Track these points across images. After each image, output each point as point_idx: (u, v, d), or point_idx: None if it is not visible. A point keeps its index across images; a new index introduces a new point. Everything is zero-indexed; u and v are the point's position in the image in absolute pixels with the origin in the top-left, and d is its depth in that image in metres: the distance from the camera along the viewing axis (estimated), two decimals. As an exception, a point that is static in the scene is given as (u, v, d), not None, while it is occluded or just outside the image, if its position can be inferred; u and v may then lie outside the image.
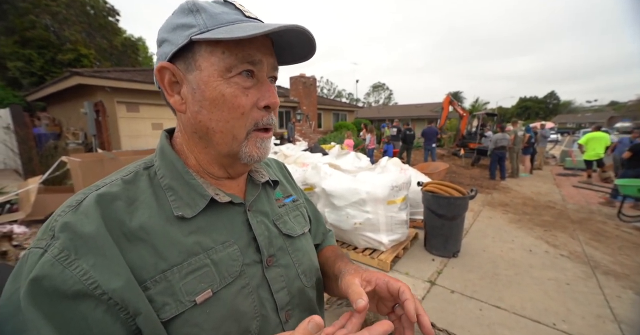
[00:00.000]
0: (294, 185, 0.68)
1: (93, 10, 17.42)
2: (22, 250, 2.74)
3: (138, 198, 0.41)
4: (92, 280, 0.32)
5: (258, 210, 0.51)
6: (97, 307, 0.32)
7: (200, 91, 0.41)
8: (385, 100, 63.66)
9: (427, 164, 6.26)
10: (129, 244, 0.37)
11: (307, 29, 0.41)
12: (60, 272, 0.32)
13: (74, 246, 0.33)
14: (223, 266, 0.42)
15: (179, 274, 0.38)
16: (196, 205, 0.42)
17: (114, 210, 0.38)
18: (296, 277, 0.51)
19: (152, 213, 0.40)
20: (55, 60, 13.70)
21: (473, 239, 3.54)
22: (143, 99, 8.15)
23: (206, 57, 0.40)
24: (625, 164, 4.98)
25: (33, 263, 0.32)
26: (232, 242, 0.44)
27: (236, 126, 0.42)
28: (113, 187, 0.41)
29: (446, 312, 2.16)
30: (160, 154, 0.46)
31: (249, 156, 0.44)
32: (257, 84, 0.43)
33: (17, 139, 5.49)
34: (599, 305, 2.25)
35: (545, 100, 69.80)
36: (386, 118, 23.51)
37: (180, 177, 0.44)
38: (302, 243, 0.56)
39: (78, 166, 3.45)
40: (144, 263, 0.37)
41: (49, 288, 0.31)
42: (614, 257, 3.07)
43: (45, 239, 0.34)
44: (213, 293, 0.40)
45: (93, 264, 0.33)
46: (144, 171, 0.45)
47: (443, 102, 11.01)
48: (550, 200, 5.34)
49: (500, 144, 7.00)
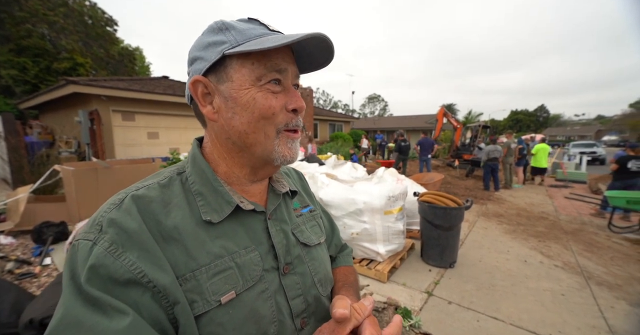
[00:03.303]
0: (311, 195, 0.70)
1: (91, 20, 17.58)
2: (9, 262, 2.65)
3: (172, 201, 0.44)
4: (139, 270, 0.36)
5: (278, 219, 0.53)
6: (145, 293, 0.36)
7: (232, 99, 0.44)
8: (381, 111, 64.68)
9: (422, 174, 6.32)
10: (164, 242, 0.40)
11: (328, 36, 0.44)
12: (112, 263, 0.36)
13: (120, 240, 0.37)
14: (246, 270, 0.44)
15: (207, 274, 0.41)
16: (222, 211, 0.45)
17: (151, 210, 0.41)
18: (312, 286, 0.53)
19: (184, 215, 0.43)
20: (50, 69, 13.67)
21: (469, 249, 3.55)
22: (139, 108, 8.14)
23: (237, 69, 0.44)
24: (613, 176, 5.12)
25: (86, 253, 0.36)
26: (253, 248, 0.47)
27: (267, 125, 0.45)
28: (150, 190, 0.44)
29: (444, 324, 2.14)
30: (192, 161, 0.50)
31: (282, 157, 0.47)
32: (284, 91, 0.47)
33: (8, 147, 5.39)
34: (594, 316, 2.26)
35: (536, 114, 71.77)
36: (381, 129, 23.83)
37: (209, 183, 0.47)
38: (319, 252, 0.58)
39: (71, 175, 3.40)
40: (176, 261, 0.40)
41: (104, 275, 0.35)
42: (607, 268, 3.11)
43: (93, 232, 0.38)
44: (236, 295, 0.42)
45: (138, 256, 0.37)
46: (177, 176, 0.48)
47: (437, 114, 11.24)
48: (543, 211, 5.41)
49: (492, 156, 7.13)
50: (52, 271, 2.63)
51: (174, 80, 11.63)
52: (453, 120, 11.23)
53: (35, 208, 3.57)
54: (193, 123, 9.55)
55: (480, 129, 11.41)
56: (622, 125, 53.52)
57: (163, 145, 8.80)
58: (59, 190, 4.48)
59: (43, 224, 3.20)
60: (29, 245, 3.15)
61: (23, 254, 2.95)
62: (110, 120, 7.58)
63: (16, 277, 2.45)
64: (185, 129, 9.39)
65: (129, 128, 8.11)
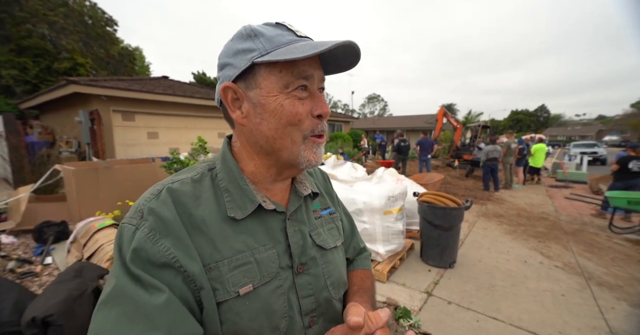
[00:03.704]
0: (333, 197, 0.70)
1: (91, 20, 17.57)
2: (10, 261, 2.65)
3: (202, 195, 0.48)
4: (173, 256, 0.41)
5: (297, 220, 0.55)
6: (177, 276, 0.40)
7: (261, 105, 0.46)
8: (381, 111, 64.69)
9: (422, 174, 6.31)
10: (193, 233, 0.44)
11: (356, 44, 0.45)
12: (151, 247, 0.40)
13: (158, 228, 0.41)
14: (263, 266, 0.47)
15: (228, 267, 0.44)
16: (246, 209, 0.48)
17: (184, 203, 0.45)
18: (324, 288, 0.54)
19: (212, 210, 0.47)
20: (50, 69, 13.67)
21: (469, 249, 3.55)
22: (139, 108, 8.14)
23: (265, 77, 0.45)
24: (614, 177, 5.11)
25: (130, 236, 0.41)
26: (272, 245, 0.49)
27: (294, 131, 0.47)
28: (184, 184, 0.48)
29: (443, 324, 2.14)
30: (222, 158, 0.53)
31: (307, 161, 0.49)
32: (310, 96, 0.48)
33: (9, 147, 5.40)
34: (594, 317, 2.26)
35: (536, 114, 71.70)
36: (380, 129, 23.82)
37: (236, 181, 0.50)
38: (334, 256, 0.59)
39: (72, 174, 3.41)
40: (202, 251, 0.43)
41: (144, 258, 0.40)
42: (607, 269, 3.11)
43: (136, 218, 0.42)
44: (253, 288, 0.45)
45: (172, 244, 0.41)
46: (208, 172, 0.51)
47: (437, 114, 11.24)
48: (543, 212, 5.41)
49: (491, 156, 7.12)
50: (53, 270, 2.63)
51: (173, 80, 11.64)
52: (453, 120, 11.23)
53: (36, 207, 3.58)
54: (193, 123, 9.56)
55: (480, 129, 11.41)
56: (623, 126, 53.44)
57: (163, 145, 8.80)
58: (60, 190, 4.48)
59: (44, 224, 3.20)
60: (30, 244, 3.16)
61: (24, 253, 2.95)
62: (110, 120, 7.58)
63: (18, 276, 2.46)
64: (185, 129, 9.39)
65: (129, 128, 8.12)
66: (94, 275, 1.70)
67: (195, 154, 3.47)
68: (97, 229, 2.52)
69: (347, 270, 0.67)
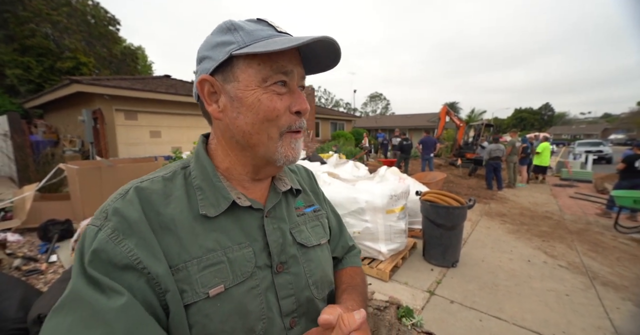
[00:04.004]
0: (319, 195, 0.69)
1: (94, 20, 17.64)
2: (16, 258, 2.68)
3: (173, 193, 0.46)
4: (136, 257, 0.39)
5: (276, 217, 0.53)
6: (140, 278, 0.39)
7: (238, 99, 0.45)
8: (383, 110, 64.47)
9: (424, 173, 6.29)
10: (161, 232, 0.42)
11: (335, 40, 0.44)
12: (112, 248, 0.38)
13: (121, 228, 0.40)
14: (237, 265, 0.45)
15: (197, 267, 0.42)
16: (219, 206, 0.46)
17: (152, 201, 0.44)
18: (306, 287, 0.52)
19: (182, 208, 0.45)
20: (54, 68, 13.75)
21: (471, 248, 3.54)
22: (141, 107, 8.18)
23: (243, 69, 0.45)
24: (620, 176, 5.06)
25: (91, 237, 0.39)
26: (247, 244, 0.48)
27: (271, 127, 0.46)
28: (154, 183, 0.46)
29: (446, 323, 2.14)
30: (196, 156, 0.52)
31: (284, 157, 0.48)
32: (290, 92, 0.47)
33: (14, 146, 5.45)
34: (599, 317, 2.24)
35: (540, 112, 71.16)
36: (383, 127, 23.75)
37: (209, 179, 0.48)
38: (317, 254, 0.57)
39: (76, 173, 3.43)
40: (170, 251, 0.42)
41: (105, 259, 0.38)
42: (612, 268, 3.08)
43: (100, 219, 0.41)
44: (225, 289, 0.43)
45: (136, 244, 0.39)
46: (181, 170, 0.50)
47: (440, 112, 11.18)
48: (547, 211, 5.37)
49: (494, 155, 7.08)
50: (58, 268, 2.66)
51: (175, 79, 11.67)
52: (456, 118, 11.16)
53: (41, 206, 3.61)
54: (195, 122, 9.58)
55: (483, 128, 11.32)
56: (629, 124, 52.79)
57: (165, 144, 8.84)
58: (64, 189, 4.52)
59: (49, 222, 3.23)
60: (35, 242, 3.19)
61: (30, 251, 2.98)
62: (113, 119, 7.63)
63: (23, 274, 2.48)
64: (187, 128, 9.42)
65: (132, 127, 8.17)
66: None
67: (193, 154, 3.48)
68: (101, 227, 2.54)
69: (337, 269, 0.66)
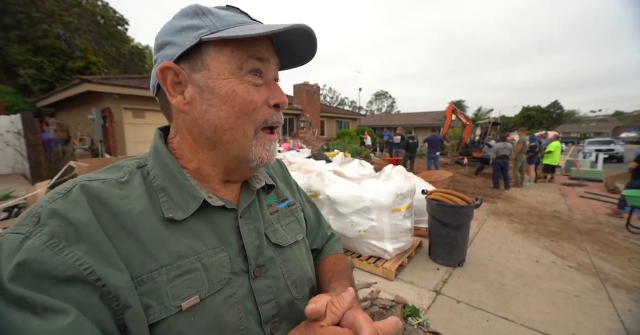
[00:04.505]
0: (292, 186, 0.65)
1: (103, 20, 17.94)
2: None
3: (130, 195, 0.39)
4: (87, 266, 0.31)
5: (251, 217, 0.49)
6: (92, 293, 0.31)
7: (209, 89, 0.40)
8: (388, 108, 64.05)
9: (430, 172, 6.24)
10: (119, 238, 0.35)
11: (312, 30, 0.41)
12: (50, 258, 0.30)
13: (64, 233, 0.32)
14: (213, 272, 0.40)
15: (167, 276, 0.36)
16: (188, 208, 0.41)
17: (106, 201, 0.37)
18: (285, 289, 0.48)
19: (144, 210, 0.38)
20: (65, 68, 14.03)
21: (478, 248, 3.50)
22: (149, 106, 8.29)
23: (214, 57, 0.40)
24: (632, 175, 4.94)
25: (14, 248, 0.30)
26: (222, 248, 0.43)
27: (247, 122, 0.42)
28: (106, 184, 0.39)
29: (452, 323, 2.12)
30: (154, 153, 0.45)
31: (258, 158, 0.45)
32: (266, 84, 0.44)
33: (27, 144, 5.59)
34: (610, 319, 2.20)
35: (549, 110, 69.76)
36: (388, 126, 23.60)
37: (174, 177, 0.42)
38: (294, 252, 0.53)
39: (86, 171, 3.50)
40: (132, 260, 0.35)
41: (39, 272, 0.30)
42: (624, 270, 3.01)
43: (28, 225, 0.32)
44: (200, 300, 0.38)
45: (86, 251, 0.32)
46: (137, 170, 0.43)
47: (446, 110, 11.06)
48: (556, 210, 5.28)
49: (501, 153, 6.98)
50: (68, 264, 2.72)
51: (183, 78, 11.77)
52: (462, 117, 11.02)
53: (52, 203, 3.69)
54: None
55: (490, 126, 11.16)
56: (642, 122, 51.42)
57: (173, 142, 8.95)
58: (74, 186, 4.61)
59: (59, 219, 3.31)
60: (46, 238, 3.27)
61: (41, 247, 3.06)
62: (121, 118, 7.75)
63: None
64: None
65: (140, 125, 8.28)
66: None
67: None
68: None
69: (318, 260, 0.63)
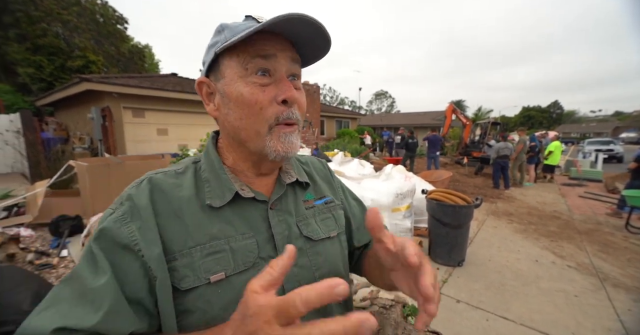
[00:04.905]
0: (334, 186, 0.67)
1: (102, 19, 17.86)
2: (30, 253, 2.75)
3: (183, 185, 0.49)
4: (135, 240, 0.42)
5: (282, 209, 0.53)
6: (136, 261, 0.41)
7: (226, 95, 0.46)
8: (388, 108, 64.04)
9: (430, 172, 6.24)
10: (168, 220, 0.45)
11: (314, 18, 0.41)
12: (117, 228, 0.42)
13: (130, 212, 0.43)
14: (239, 255, 0.46)
15: (201, 253, 0.44)
16: (224, 197, 0.48)
17: (164, 191, 0.47)
18: (312, 281, 0.47)
19: (190, 199, 0.47)
20: (64, 67, 13.98)
21: (478, 248, 3.50)
22: (149, 105, 8.27)
23: (227, 65, 0.46)
24: (632, 175, 4.94)
25: (104, 218, 0.44)
26: (251, 235, 0.48)
27: (257, 121, 0.46)
28: (167, 175, 0.50)
29: (452, 322, 2.13)
30: (205, 151, 0.55)
31: (274, 151, 0.47)
32: (275, 82, 0.46)
33: (26, 143, 5.57)
34: (610, 319, 2.21)
35: (549, 110, 69.78)
36: (388, 125, 23.59)
37: (215, 171, 0.50)
38: (326, 247, 0.55)
39: (85, 170, 3.49)
40: (176, 237, 0.44)
41: (109, 237, 0.42)
42: (624, 270, 3.02)
43: (117, 204, 0.45)
44: (226, 276, 0.44)
45: (139, 228, 0.42)
46: (192, 165, 0.53)
47: (446, 110, 11.06)
48: (555, 211, 5.28)
49: (502, 153, 6.99)
50: (69, 263, 2.72)
51: (182, 77, 11.75)
52: (462, 116, 11.03)
53: (52, 202, 3.69)
54: (201, 120, 9.65)
55: (489, 126, 11.17)
56: (641, 122, 51.44)
57: (172, 141, 8.93)
58: (74, 185, 4.61)
59: (59, 218, 3.31)
60: (46, 237, 3.27)
61: (42, 245, 3.06)
62: (121, 117, 7.73)
63: (36, 268, 2.55)
64: (194, 126, 9.50)
65: (139, 125, 8.26)
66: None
67: (204, 150, 3.50)
68: (110, 223, 2.58)
69: (366, 250, 0.66)
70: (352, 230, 0.65)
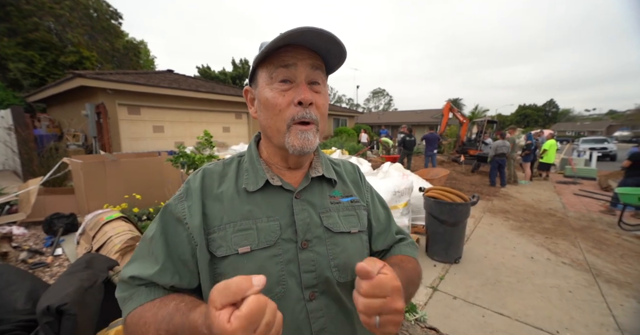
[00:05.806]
0: (361, 187, 0.72)
1: (96, 13, 17.57)
2: (22, 251, 2.71)
3: (227, 174, 0.61)
4: (185, 214, 0.55)
5: (306, 200, 0.60)
6: (185, 231, 0.54)
7: (259, 100, 0.57)
8: (385, 106, 64.06)
9: (427, 169, 6.26)
10: (212, 201, 0.57)
11: (320, 29, 0.48)
12: (175, 205, 0.57)
13: (186, 192, 0.58)
14: (262, 234, 0.55)
15: (232, 229, 0.54)
16: (257, 184, 0.58)
17: (211, 178, 0.60)
18: (327, 268, 0.57)
19: (231, 184, 0.59)
20: (57, 62, 13.74)
21: (474, 245, 3.54)
22: (144, 102, 8.17)
23: (260, 75, 0.56)
24: (625, 173, 5.01)
25: (172, 196, 0.60)
26: (276, 218, 0.56)
27: (278, 121, 0.54)
28: (216, 165, 0.63)
29: (449, 318, 2.14)
30: (248, 147, 0.66)
31: (292, 146, 0.54)
32: (294, 87, 0.54)
33: (18, 140, 5.47)
34: (602, 314, 2.24)
35: (544, 108, 70.34)
36: (385, 124, 23.61)
37: (253, 163, 0.61)
38: (345, 240, 0.60)
39: (80, 168, 3.44)
40: (216, 215, 0.56)
41: (169, 211, 0.57)
42: (616, 266, 3.07)
43: (182, 186, 0.60)
44: (251, 250, 0.53)
45: (189, 205, 0.56)
46: (237, 158, 0.65)
47: (443, 108, 11.09)
48: (550, 208, 5.35)
49: (500, 151, 7.04)
50: (63, 261, 2.68)
51: (178, 74, 11.63)
52: (459, 115, 11.06)
53: (46, 200, 3.63)
54: (198, 117, 9.57)
55: (486, 124, 11.22)
56: (635, 121, 52.16)
57: (168, 138, 8.85)
58: (68, 183, 4.55)
59: (53, 216, 3.25)
60: (40, 236, 3.22)
61: (35, 244, 3.01)
62: (116, 114, 7.63)
63: (29, 267, 2.51)
64: (190, 123, 9.41)
65: (135, 122, 8.16)
66: (104, 267, 1.72)
67: (201, 148, 3.47)
68: (105, 221, 2.54)
69: (385, 256, 0.70)
70: (372, 234, 0.68)
